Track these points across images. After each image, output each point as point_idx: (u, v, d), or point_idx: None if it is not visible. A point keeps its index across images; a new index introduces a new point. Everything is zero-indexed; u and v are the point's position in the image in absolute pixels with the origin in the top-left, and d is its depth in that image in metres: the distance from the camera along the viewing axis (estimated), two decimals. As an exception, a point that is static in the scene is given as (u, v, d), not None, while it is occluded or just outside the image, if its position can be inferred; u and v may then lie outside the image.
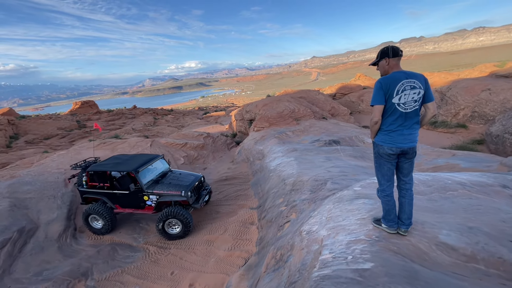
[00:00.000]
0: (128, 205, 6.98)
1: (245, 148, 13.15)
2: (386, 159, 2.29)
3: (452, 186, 3.52)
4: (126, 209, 7.04)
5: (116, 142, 13.34)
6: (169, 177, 7.25)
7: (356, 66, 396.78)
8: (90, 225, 7.06)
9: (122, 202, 6.98)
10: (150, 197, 6.69)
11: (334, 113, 20.49)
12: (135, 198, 6.80)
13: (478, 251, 2.25)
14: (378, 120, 2.25)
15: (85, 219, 7.02)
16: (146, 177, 6.89)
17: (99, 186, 7.01)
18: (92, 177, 7.10)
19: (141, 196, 6.73)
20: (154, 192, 6.66)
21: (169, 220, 6.46)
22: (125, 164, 7.07)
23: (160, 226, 6.47)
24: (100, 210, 6.80)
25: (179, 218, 6.39)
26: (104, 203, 6.98)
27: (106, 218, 6.85)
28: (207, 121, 35.65)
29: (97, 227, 7.07)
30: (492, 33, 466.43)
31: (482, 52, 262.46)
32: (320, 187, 5.58)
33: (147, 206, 6.84)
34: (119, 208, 7.07)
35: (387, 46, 2.25)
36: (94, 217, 7.00)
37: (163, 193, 6.64)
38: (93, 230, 7.08)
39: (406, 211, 2.36)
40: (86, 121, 34.87)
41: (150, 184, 6.81)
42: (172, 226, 6.59)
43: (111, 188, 6.94)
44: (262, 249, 5.06)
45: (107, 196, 6.98)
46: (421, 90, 2.13)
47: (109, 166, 7.00)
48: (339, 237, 2.67)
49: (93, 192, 7.04)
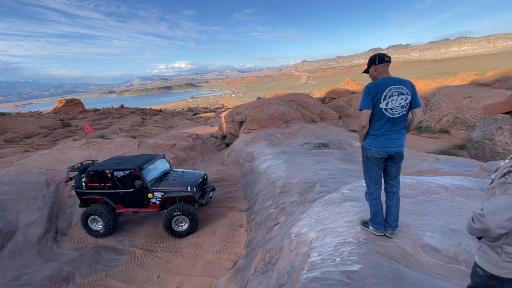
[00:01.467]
0: (131, 204, 6.81)
1: (235, 150, 13.11)
2: (374, 162, 2.34)
3: (436, 190, 3.63)
4: (129, 208, 6.87)
5: (102, 142, 13.00)
6: (172, 175, 7.19)
7: (345, 71, 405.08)
8: (90, 227, 6.81)
9: (125, 201, 6.80)
10: (155, 194, 6.58)
11: (323, 117, 20.78)
12: (139, 196, 6.66)
13: (460, 252, 2.33)
14: (365, 125, 2.30)
15: (84, 220, 6.76)
16: (149, 175, 6.78)
17: (100, 186, 6.82)
18: (92, 177, 6.90)
19: (145, 194, 6.60)
20: (159, 189, 6.55)
21: (176, 217, 6.37)
22: (127, 163, 6.95)
23: (167, 223, 6.37)
24: (102, 211, 6.58)
25: (186, 214, 6.30)
26: (105, 204, 6.78)
27: (107, 219, 6.63)
28: (197, 122, 35.34)
29: (96, 229, 6.82)
30: (473, 43, 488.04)
31: (464, 61, 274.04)
32: (309, 190, 5.63)
33: (151, 204, 6.70)
34: (122, 208, 6.88)
35: (375, 54, 2.32)
36: (94, 219, 6.77)
37: (169, 190, 6.54)
38: (93, 232, 6.83)
39: (393, 214, 2.42)
40: (70, 120, 33.83)
41: (154, 182, 6.71)
42: (179, 223, 6.50)
43: (113, 187, 6.76)
44: (251, 251, 5.04)
45: (109, 196, 6.78)
46: (408, 96, 2.19)
47: (111, 166, 6.85)
48: (328, 239, 2.69)
49: (94, 193, 6.82)
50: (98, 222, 6.81)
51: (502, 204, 1.07)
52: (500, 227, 1.08)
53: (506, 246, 1.13)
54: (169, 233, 6.52)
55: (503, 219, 1.06)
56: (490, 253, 1.19)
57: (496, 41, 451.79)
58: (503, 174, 1.13)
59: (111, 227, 6.73)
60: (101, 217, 6.61)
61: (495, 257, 1.17)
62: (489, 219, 1.09)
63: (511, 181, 1.07)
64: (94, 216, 6.70)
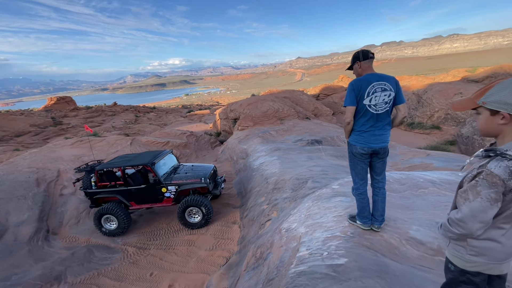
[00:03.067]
0: (144, 200, 6.75)
1: (229, 147, 13.10)
2: (359, 158, 2.36)
3: (424, 184, 3.70)
4: (143, 204, 6.81)
5: (94, 140, 12.83)
6: (182, 169, 7.19)
7: (340, 67, 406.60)
8: (103, 227, 6.72)
9: (138, 198, 6.72)
10: (169, 188, 6.55)
11: (317, 114, 20.87)
12: (153, 192, 6.61)
13: (443, 245, 2.39)
14: (350, 121, 2.31)
15: (98, 221, 6.67)
16: (161, 170, 6.75)
17: (111, 185, 6.73)
18: (101, 176, 6.81)
19: (158, 188, 6.56)
20: (173, 182, 6.53)
21: (189, 209, 6.38)
22: (136, 159, 6.88)
23: (181, 215, 6.40)
24: (115, 209, 6.49)
25: (199, 206, 6.31)
26: (118, 202, 6.71)
27: (121, 217, 6.54)
28: (191, 119, 35.15)
29: (111, 228, 6.73)
30: (465, 40, 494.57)
31: (455, 58, 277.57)
32: (301, 186, 5.67)
33: (165, 198, 6.67)
34: (135, 205, 6.80)
35: (359, 51, 2.34)
36: (107, 218, 6.68)
37: (183, 182, 6.53)
38: (107, 232, 6.74)
39: (379, 209, 2.46)
40: (62, 118, 33.26)
41: (166, 176, 6.69)
42: (193, 214, 6.50)
43: (125, 185, 6.69)
44: (243, 248, 5.07)
45: (122, 193, 6.69)
46: (391, 92, 2.20)
47: (121, 163, 6.77)
48: (316, 234, 2.73)
49: (105, 192, 6.72)
50: (111, 221, 6.73)
51: (478, 207, 1.09)
52: (480, 228, 1.11)
53: (470, 240, 1.17)
54: (183, 224, 6.55)
55: (482, 221, 1.10)
56: (457, 247, 1.23)
57: (487, 38, 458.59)
58: (473, 176, 1.15)
59: (126, 225, 6.66)
60: (115, 216, 6.53)
61: (462, 251, 1.21)
62: (470, 224, 1.11)
63: (482, 183, 1.09)
64: (107, 216, 6.60)
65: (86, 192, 6.87)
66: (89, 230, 7.11)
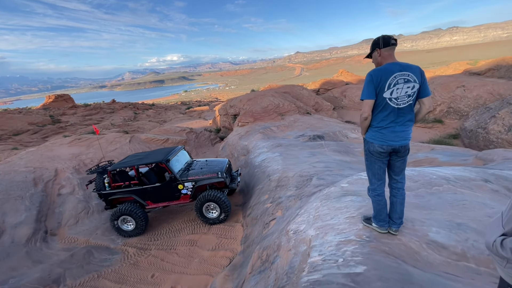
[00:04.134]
0: (161, 198, 6.59)
1: (229, 144, 12.90)
2: (377, 157, 2.15)
3: (438, 181, 3.51)
4: (160, 203, 6.65)
5: (93, 138, 12.60)
6: (197, 164, 7.02)
7: (339, 62, 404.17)
8: (121, 228, 6.56)
9: (154, 196, 6.55)
10: (186, 184, 6.38)
11: (318, 108, 20.63)
12: (169, 189, 6.44)
13: (468, 248, 2.21)
14: (368, 116, 2.09)
15: (114, 221, 6.51)
16: (176, 167, 6.57)
17: (125, 185, 6.54)
18: (115, 177, 6.63)
19: (175, 186, 6.39)
20: (189, 179, 6.37)
21: (207, 204, 6.24)
22: (150, 157, 6.69)
23: (199, 211, 6.28)
24: (133, 209, 6.33)
25: (217, 202, 6.16)
26: (134, 202, 6.54)
27: (139, 217, 6.38)
28: (190, 116, 34.86)
29: (128, 229, 6.57)
30: (465, 33, 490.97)
31: (455, 51, 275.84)
32: (305, 183, 5.49)
33: (182, 195, 6.51)
34: (151, 204, 6.63)
35: (379, 36, 2.09)
36: (124, 219, 6.51)
37: (199, 178, 6.37)
38: (124, 232, 6.59)
39: (397, 211, 2.26)
40: (60, 115, 32.97)
41: (182, 173, 6.52)
42: (211, 210, 6.36)
43: (140, 184, 6.51)
44: (247, 248, 4.91)
45: (137, 193, 6.51)
46: (415, 84, 1.98)
47: (134, 162, 6.57)
48: (328, 237, 2.55)
49: (120, 192, 6.53)
50: (128, 222, 6.56)
51: None
52: None
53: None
54: (203, 221, 6.43)
55: None
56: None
57: (487, 30, 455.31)
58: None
59: (144, 225, 6.50)
60: (132, 216, 6.36)
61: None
62: None
63: None
64: (124, 217, 6.43)
65: (100, 194, 6.68)
66: (88, 230, 6.95)
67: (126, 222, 6.56)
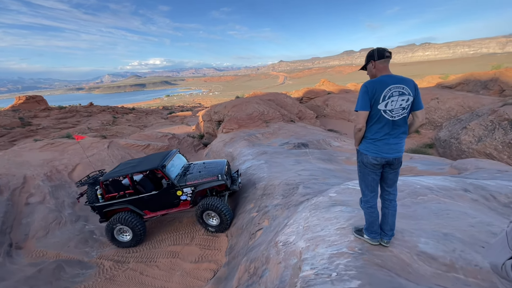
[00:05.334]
0: (159, 206, 6.18)
1: (214, 150, 12.69)
2: (370, 169, 2.14)
3: (422, 191, 3.60)
4: (158, 212, 6.22)
5: (67, 143, 11.90)
6: (194, 168, 6.66)
7: (321, 72, 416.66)
8: (117, 239, 6.10)
9: (152, 205, 6.14)
10: (184, 190, 6.01)
11: (302, 116, 20.94)
12: (167, 196, 6.04)
13: (456, 259, 2.24)
14: (362, 127, 2.09)
15: (111, 233, 6.04)
16: (172, 172, 6.19)
17: (120, 195, 6.10)
18: (108, 187, 6.19)
19: (173, 192, 6.00)
20: (188, 184, 6.00)
21: (207, 212, 5.91)
22: (143, 164, 6.28)
23: (200, 218, 5.99)
24: (130, 219, 5.90)
25: (215, 211, 5.81)
26: (131, 212, 6.09)
27: (137, 227, 5.96)
28: (172, 121, 34.14)
29: (125, 240, 6.13)
30: (436, 48, 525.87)
31: (428, 65, 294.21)
32: (292, 192, 5.45)
33: (182, 202, 6.12)
34: (149, 213, 6.20)
35: (373, 49, 2.11)
36: (120, 229, 6.07)
37: (199, 182, 6.01)
38: (121, 244, 6.14)
39: (389, 223, 2.26)
40: (31, 118, 30.98)
41: (179, 178, 6.15)
42: (211, 217, 6.04)
43: (136, 193, 6.09)
44: (233, 259, 4.75)
45: (133, 203, 6.08)
46: (410, 96, 2.01)
47: (128, 170, 6.14)
48: (320, 249, 2.49)
49: (115, 203, 6.07)
50: (125, 233, 6.14)
51: None
52: None
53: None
54: (204, 227, 6.13)
55: None
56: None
57: (455, 47, 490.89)
58: None
59: (141, 235, 6.10)
60: (130, 226, 5.95)
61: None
62: None
63: None
64: (120, 227, 6.00)
65: (93, 207, 6.21)
66: (59, 243, 6.44)
67: (123, 232, 6.16)
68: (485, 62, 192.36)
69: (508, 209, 3.33)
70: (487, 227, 2.73)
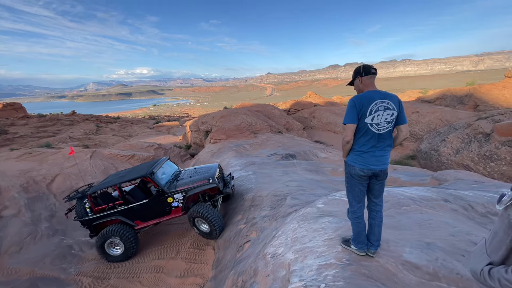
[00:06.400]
0: (150, 215, 5.93)
1: (201, 161, 12.55)
2: (357, 180, 2.21)
3: (405, 201, 3.71)
4: (150, 221, 5.97)
5: (47, 153, 11.42)
6: (185, 174, 6.47)
7: (307, 84, 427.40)
8: (107, 253, 5.79)
9: (143, 214, 5.89)
10: (175, 196, 5.80)
11: (289, 128, 21.24)
12: (158, 204, 5.82)
13: (438, 268, 2.30)
14: (350, 140, 2.17)
15: (101, 247, 5.73)
16: (162, 180, 5.99)
17: (109, 207, 5.84)
18: (96, 200, 5.95)
19: (163, 200, 5.78)
20: (178, 189, 5.80)
21: (196, 219, 5.72)
22: (132, 173, 6.08)
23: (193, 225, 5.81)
24: (121, 231, 5.63)
25: (204, 218, 5.61)
26: (121, 223, 5.82)
27: (129, 239, 5.69)
28: (159, 131, 33.64)
29: (116, 253, 5.81)
30: (415, 65, 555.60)
31: (408, 80, 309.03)
32: (280, 203, 5.46)
33: (173, 209, 5.90)
34: (140, 223, 5.94)
35: (360, 66, 2.23)
36: (112, 242, 5.77)
37: (189, 187, 5.81)
38: (112, 258, 5.81)
39: (375, 233, 2.31)
40: (8, 126, 29.58)
41: (169, 185, 5.95)
42: (203, 224, 5.84)
43: (126, 203, 5.83)
44: (220, 273, 4.63)
45: (123, 214, 5.83)
46: (394, 111, 2.11)
47: (116, 180, 5.93)
48: (308, 261, 2.49)
49: (104, 215, 5.80)
50: (116, 246, 5.84)
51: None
52: None
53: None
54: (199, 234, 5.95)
55: None
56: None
57: (433, 64, 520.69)
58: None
59: (134, 247, 5.82)
60: (121, 239, 5.68)
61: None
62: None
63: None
64: (111, 240, 5.72)
65: (82, 222, 5.93)
66: (34, 259, 6.06)
67: (114, 245, 5.88)
68: (460, 79, 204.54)
69: (485, 218, 3.48)
70: (467, 236, 2.84)
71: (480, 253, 1.10)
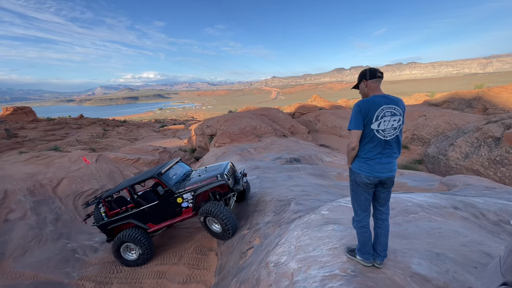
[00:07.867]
0: (162, 217, 5.90)
1: (205, 165, 12.53)
2: (363, 188, 2.12)
3: (413, 209, 3.59)
4: (162, 223, 5.93)
5: (54, 156, 11.56)
6: (196, 173, 6.41)
7: (312, 88, 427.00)
8: (123, 257, 5.82)
9: (154, 216, 5.87)
10: (184, 196, 5.70)
11: (294, 131, 21.13)
12: (168, 205, 5.77)
13: (449, 281, 2.19)
14: (355, 146, 2.09)
15: (117, 250, 5.76)
16: (171, 180, 5.96)
17: (123, 210, 5.90)
18: (110, 204, 6.05)
19: (173, 200, 5.71)
20: (187, 189, 5.69)
21: (208, 218, 5.58)
22: (142, 175, 6.14)
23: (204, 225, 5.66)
24: (135, 235, 5.64)
25: (215, 217, 5.44)
26: (135, 227, 5.84)
27: (143, 243, 5.68)
28: (164, 134, 33.87)
29: (132, 258, 5.83)
30: (422, 68, 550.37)
31: (415, 83, 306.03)
32: (284, 208, 5.37)
33: (184, 209, 5.81)
34: (153, 226, 5.92)
35: (365, 69, 2.15)
36: (127, 246, 5.80)
37: (197, 186, 5.68)
38: (128, 262, 5.83)
39: (381, 243, 2.22)
40: (18, 129, 30.16)
41: (178, 185, 5.90)
42: (214, 223, 5.70)
43: (137, 206, 5.87)
44: (222, 280, 4.56)
45: (136, 217, 5.84)
46: (401, 117, 2.04)
47: (126, 183, 6.00)
48: (312, 271, 2.40)
49: (119, 219, 5.85)
50: (131, 250, 5.87)
51: None
52: None
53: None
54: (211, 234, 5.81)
55: None
56: None
57: (440, 67, 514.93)
58: None
59: (148, 251, 5.79)
60: (135, 242, 5.66)
61: None
62: None
63: None
64: (126, 244, 5.74)
65: (99, 226, 5.99)
66: (39, 263, 6.08)
67: (129, 250, 5.89)
68: (468, 82, 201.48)
69: (497, 227, 3.34)
70: (479, 246, 2.71)
71: (495, 272, 1.01)
